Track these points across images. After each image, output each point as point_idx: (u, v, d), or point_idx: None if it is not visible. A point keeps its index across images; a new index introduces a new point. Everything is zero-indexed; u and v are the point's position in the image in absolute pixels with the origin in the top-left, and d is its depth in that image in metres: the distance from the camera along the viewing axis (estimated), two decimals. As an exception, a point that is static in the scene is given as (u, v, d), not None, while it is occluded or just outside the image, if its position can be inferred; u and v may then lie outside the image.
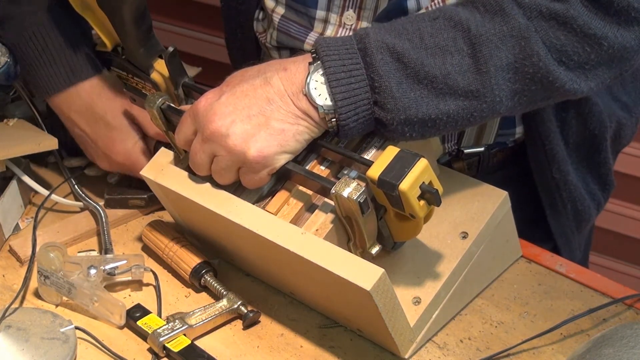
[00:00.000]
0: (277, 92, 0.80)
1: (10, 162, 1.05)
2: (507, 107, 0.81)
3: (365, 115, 0.80)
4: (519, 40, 0.78)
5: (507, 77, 0.79)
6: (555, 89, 0.81)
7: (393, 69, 0.78)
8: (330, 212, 0.83)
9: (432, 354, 0.86)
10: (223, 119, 0.80)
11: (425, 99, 0.78)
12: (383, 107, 0.79)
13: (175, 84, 0.95)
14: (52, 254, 0.91)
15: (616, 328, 0.77)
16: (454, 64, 0.78)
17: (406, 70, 0.78)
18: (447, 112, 0.79)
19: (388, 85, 0.78)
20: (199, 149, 0.83)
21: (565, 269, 0.95)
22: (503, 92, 0.79)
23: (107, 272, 0.92)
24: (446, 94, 0.78)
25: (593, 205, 1.11)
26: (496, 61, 0.78)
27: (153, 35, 0.96)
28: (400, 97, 0.78)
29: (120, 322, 0.89)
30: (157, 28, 0.98)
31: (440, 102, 0.78)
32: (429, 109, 0.78)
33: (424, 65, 0.78)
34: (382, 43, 0.78)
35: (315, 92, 0.79)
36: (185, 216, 0.97)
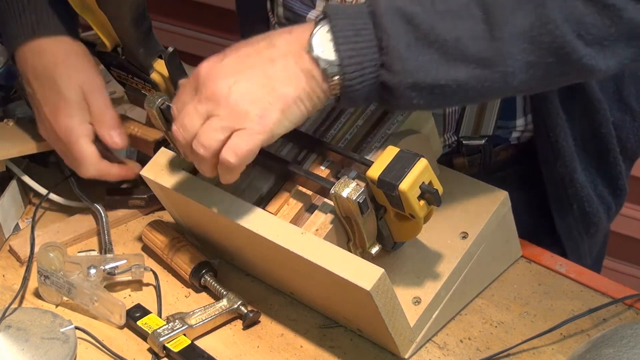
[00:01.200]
0: (280, 53, 0.76)
1: (10, 162, 1.05)
2: (521, 80, 0.76)
3: (371, 78, 0.75)
4: (536, 6, 0.74)
5: (522, 46, 0.74)
6: (572, 63, 0.76)
7: (402, 31, 0.74)
8: (330, 212, 0.83)
9: (432, 354, 0.86)
10: (225, 79, 0.76)
11: (434, 63, 0.74)
12: (390, 69, 0.74)
13: (175, 84, 0.95)
14: (52, 254, 0.91)
15: (616, 328, 0.77)
16: (466, 28, 0.74)
17: (416, 32, 0.74)
18: (456, 79, 0.75)
19: (396, 46, 0.73)
20: (193, 110, 0.77)
21: (565, 269, 0.95)
22: (517, 63, 0.75)
23: (107, 272, 0.92)
24: (457, 59, 0.74)
25: (602, 208, 1.09)
26: (511, 28, 0.74)
27: (153, 35, 0.97)
28: (408, 58, 0.73)
29: (120, 322, 0.89)
30: (157, 28, 0.98)
31: (450, 67, 0.74)
32: (438, 74, 0.74)
33: (434, 28, 0.74)
34: (392, 6, 0.75)
35: (318, 49, 0.75)
36: (185, 216, 0.97)
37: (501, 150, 1.07)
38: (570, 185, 1.04)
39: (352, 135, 0.88)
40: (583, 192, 1.05)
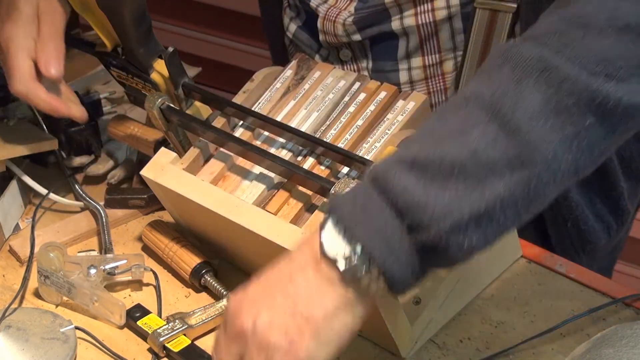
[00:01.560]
0: (298, 266, 0.67)
1: (10, 162, 1.05)
2: (569, 160, 0.63)
3: (406, 249, 0.63)
4: (540, 73, 0.63)
5: (548, 124, 0.62)
6: (614, 112, 0.62)
7: (412, 180, 0.62)
8: (330, 212, 0.83)
9: (432, 354, 0.86)
10: (249, 312, 0.67)
11: (464, 194, 0.62)
12: (420, 227, 0.62)
13: (175, 84, 0.95)
14: (52, 254, 0.91)
15: (616, 328, 0.77)
16: (478, 138, 0.62)
17: (427, 173, 0.62)
18: (497, 196, 0.62)
19: (412, 199, 0.62)
20: (226, 351, 0.69)
21: (565, 269, 0.95)
22: (552, 145, 0.62)
23: (107, 272, 0.92)
24: (486, 176, 0.62)
25: (600, 227, 1.05)
26: (524, 111, 0.62)
27: (153, 35, 0.97)
28: (432, 204, 0.62)
29: (120, 321, 0.89)
30: (157, 28, 0.98)
31: (483, 188, 0.62)
32: (473, 202, 0.62)
33: (444, 156, 0.62)
34: (390, 163, 0.65)
35: (330, 249, 0.64)
36: (185, 216, 0.97)
37: None
38: (564, 203, 1.02)
39: (352, 135, 0.88)
40: (578, 211, 1.02)
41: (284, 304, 0.66)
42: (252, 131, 0.91)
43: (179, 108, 0.95)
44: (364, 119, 0.88)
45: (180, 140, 0.94)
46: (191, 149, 0.92)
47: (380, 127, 0.87)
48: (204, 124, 0.91)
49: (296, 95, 0.93)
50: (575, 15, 0.63)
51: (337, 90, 0.92)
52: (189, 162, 0.91)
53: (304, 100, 0.92)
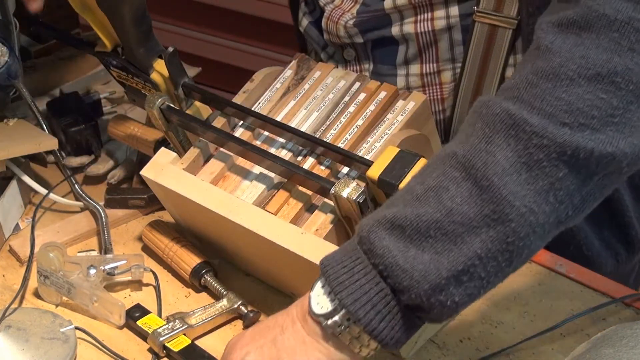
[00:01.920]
0: (291, 319, 0.70)
1: (10, 162, 1.05)
2: (547, 213, 0.63)
3: (391, 310, 0.65)
4: (507, 131, 0.63)
5: (521, 179, 0.62)
6: (588, 164, 0.62)
7: (392, 241, 0.64)
8: (330, 212, 0.83)
9: (432, 354, 0.86)
10: (239, 352, 0.72)
11: (442, 253, 0.63)
12: (401, 289, 0.64)
13: (175, 84, 0.95)
14: (51, 254, 0.91)
15: (616, 328, 0.77)
16: (452, 196, 0.63)
17: (405, 233, 0.64)
18: (474, 253, 0.63)
19: (392, 262, 0.63)
20: None
21: (565, 269, 0.95)
22: (527, 199, 0.62)
23: (107, 272, 0.92)
24: (462, 233, 0.63)
25: (607, 254, 1.03)
26: (495, 168, 0.62)
27: (153, 35, 0.97)
28: (410, 265, 0.63)
29: (119, 322, 0.89)
30: (157, 28, 0.98)
31: (461, 246, 0.63)
32: (450, 261, 0.63)
33: (420, 216, 0.63)
34: (373, 222, 0.66)
35: (316, 306, 0.67)
36: (185, 216, 0.97)
37: None
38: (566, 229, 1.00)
39: (352, 135, 0.88)
40: (580, 235, 1.00)
41: (270, 353, 0.69)
42: (252, 131, 0.91)
43: (179, 108, 0.95)
44: (364, 119, 0.88)
45: (180, 140, 0.94)
46: (191, 149, 0.92)
47: (380, 127, 0.87)
48: (204, 124, 0.91)
49: (296, 95, 0.93)
50: (545, 67, 0.63)
51: (337, 90, 0.92)
52: (189, 162, 0.91)
53: (304, 100, 0.92)
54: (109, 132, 1.08)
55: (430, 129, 0.91)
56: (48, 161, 1.13)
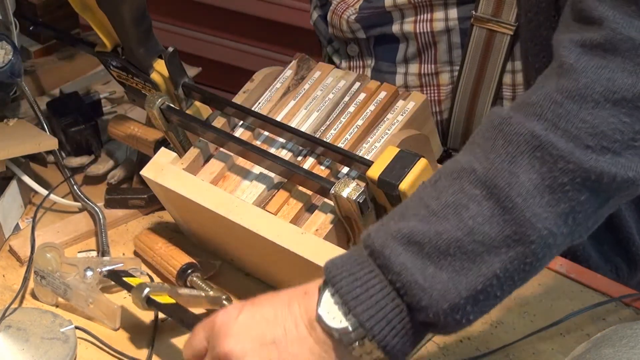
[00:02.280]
0: (294, 321, 0.67)
1: (10, 162, 1.05)
2: (564, 234, 0.63)
3: (405, 326, 0.64)
4: (532, 152, 0.62)
5: (543, 201, 0.62)
6: (608, 188, 0.63)
7: (409, 258, 0.63)
8: (330, 212, 0.83)
9: (432, 354, 0.86)
10: (235, 343, 0.67)
11: (461, 271, 0.62)
12: (418, 308, 0.63)
13: (175, 84, 0.95)
14: (49, 255, 0.91)
15: (616, 328, 0.77)
16: (473, 215, 0.63)
17: (423, 250, 0.63)
18: (493, 273, 0.62)
19: (411, 280, 0.62)
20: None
21: (565, 269, 0.95)
22: (547, 222, 0.62)
23: (104, 275, 0.92)
24: (482, 253, 0.62)
25: (606, 267, 1.02)
26: (519, 189, 0.62)
27: (153, 35, 0.97)
28: (430, 286, 0.62)
29: (115, 324, 0.89)
30: (157, 28, 0.98)
31: (480, 266, 0.62)
32: (469, 281, 0.62)
33: (440, 234, 0.63)
34: (386, 235, 0.64)
35: (327, 317, 0.65)
36: (185, 216, 0.97)
37: None
38: None
39: (352, 135, 0.88)
40: (577, 247, 0.99)
41: (271, 351, 0.67)
42: (252, 131, 0.91)
43: (179, 108, 0.95)
44: (364, 119, 0.88)
45: (180, 140, 0.94)
46: (191, 149, 0.92)
47: (380, 127, 0.88)
48: (204, 124, 0.91)
49: (296, 95, 0.93)
50: (570, 87, 0.63)
51: (337, 90, 0.92)
52: (189, 162, 0.91)
53: (304, 100, 0.92)
54: (109, 132, 1.08)
55: (430, 128, 0.91)
56: (48, 161, 1.13)
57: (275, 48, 2.21)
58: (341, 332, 0.64)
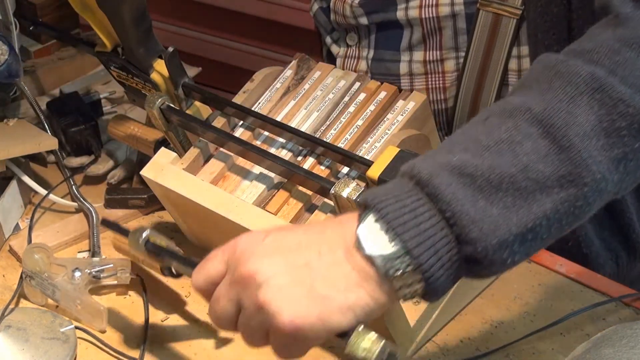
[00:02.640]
0: (329, 246, 0.63)
1: (10, 162, 1.05)
2: (614, 182, 0.63)
3: (451, 258, 0.61)
4: (592, 94, 0.62)
5: (599, 144, 0.62)
6: None
7: (460, 189, 0.60)
8: (330, 212, 0.83)
9: (432, 354, 0.86)
10: (261, 262, 0.63)
11: (512, 208, 0.61)
12: (467, 240, 0.60)
13: (175, 84, 0.95)
14: (37, 256, 0.90)
15: (616, 328, 0.77)
16: (528, 152, 0.61)
17: (475, 183, 0.61)
18: (544, 213, 0.61)
19: (462, 210, 0.60)
20: (224, 293, 0.65)
21: (565, 269, 0.95)
22: (602, 165, 0.61)
23: (93, 275, 0.92)
24: (535, 191, 0.61)
25: (607, 255, 1.02)
26: (577, 129, 0.61)
27: (153, 35, 0.97)
28: (481, 219, 0.60)
29: (102, 326, 0.89)
30: (157, 28, 0.98)
31: (531, 204, 0.61)
32: (521, 218, 0.61)
33: (494, 167, 0.61)
34: (434, 166, 0.62)
35: (369, 244, 0.61)
36: (185, 216, 0.97)
37: None
38: None
39: (352, 135, 0.88)
40: (580, 232, 0.99)
41: (303, 274, 0.62)
42: (252, 131, 0.91)
43: (179, 108, 0.95)
44: (364, 119, 0.88)
45: (180, 140, 0.94)
46: (191, 149, 0.92)
47: (380, 127, 0.88)
48: (204, 124, 0.91)
49: (296, 95, 0.93)
50: (628, 35, 0.63)
51: (337, 90, 0.92)
52: (189, 162, 0.91)
53: (304, 100, 0.92)
54: (109, 132, 1.08)
55: (430, 128, 0.91)
56: (48, 161, 1.13)
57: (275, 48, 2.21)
58: (385, 259, 0.60)
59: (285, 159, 0.86)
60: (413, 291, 0.62)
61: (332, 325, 0.62)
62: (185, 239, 1.01)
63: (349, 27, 1.06)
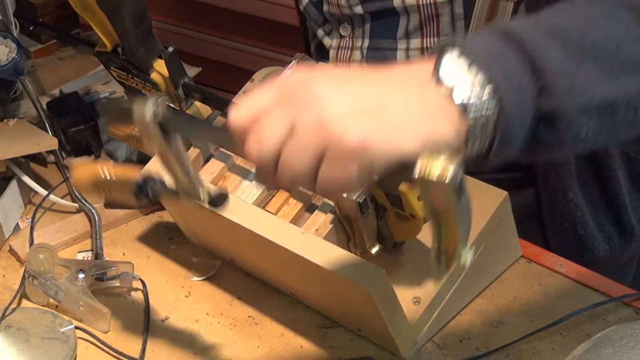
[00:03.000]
0: (402, 81, 0.60)
1: (10, 162, 1.05)
2: None
3: (530, 106, 0.59)
4: None
5: None
6: None
7: (550, 44, 0.59)
8: (330, 212, 0.83)
9: (432, 354, 0.86)
10: (323, 84, 0.58)
11: (597, 77, 0.60)
12: (554, 91, 0.59)
13: (175, 84, 0.95)
14: (41, 255, 0.90)
15: (616, 328, 0.77)
16: (622, 32, 0.61)
17: (566, 43, 0.60)
18: (627, 92, 0.61)
19: (552, 63, 0.59)
20: (275, 110, 0.58)
21: (565, 269, 0.95)
22: None
23: (96, 278, 0.92)
24: (624, 69, 0.61)
25: (600, 237, 1.04)
26: None
27: (153, 35, 0.97)
28: (570, 76, 0.59)
29: (105, 328, 0.89)
30: (157, 28, 0.98)
31: (616, 79, 0.61)
32: (606, 88, 0.60)
33: (587, 32, 0.60)
34: (524, 24, 0.61)
35: (451, 77, 0.58)
36: (185, 216, 0.97)
37: None
38: (563, 201, 1.01)
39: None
40: (576, 213, 1.01)
41: (371, 99, 0.57)
42: (252, 131, 0.91)
43: (179, 108, 0.95)
44: (364, 119, 0.88)
45: (180, 140, 0.94)
46: (191, 148, 0.92)
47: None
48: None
49: (296, 95, 0.93)
50: None
51: (337, 90, 0.91)
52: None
53: (304, 100, 0.92)
54: (109, 132, 1.08)
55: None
56: (48, 161, 1.13)
57: (275, 48, 2.21)
58: (465, 89, 0.58)
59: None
60: (485, 125, 0.59)
61: (402, 149, 0.57)
62: (185, 239, 1.01)
63: (342, 18, 1.05)
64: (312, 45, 1.15)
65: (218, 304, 0.93)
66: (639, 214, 1.06)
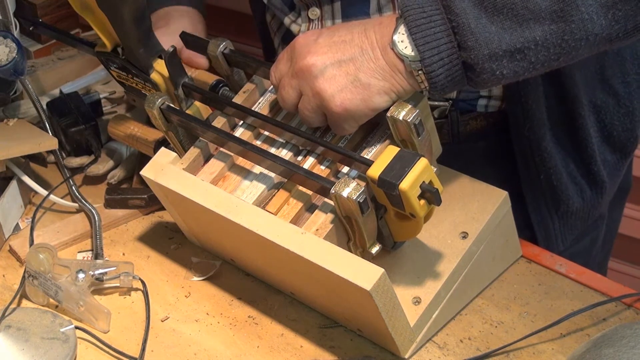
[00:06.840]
0: (370, 44, 0.80)
1: (10, 162, 1.05)
2: (602, 26, 0.76)
3: (452, 61, 0.77)
4: None
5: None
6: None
7: (469, 6, 0.76)
8: (330, 212, 0.83)
9: (432, 354, 0.86)
10: (315, 58, 0.80)
11: (507, 29, 0.76)
12: (465, 47, 0.76)
13: (175, 84, 0.95)
14: (41, 255, 0.91)
15: (616, 328, 0.77)
16: None
17: (483, 3, 0.76)
18: (533, 39, 0.76)
19: (465, 22, 0.76)
20: (288, 82, 0.83)
21: (565, 269, 0.95)
22: (591, 8, 0.75)
23: (96, 278, 0.92)
24: (529, 19, 0.75)
25: (573, 189, 1.08)
26: None
27: (153, 35, 0.97)
28: (479, 31, 0.75)
29: (105, 328, 0.89)
30: (157, 28, 0.98)
31: (524, 29, 0.76)
32: (512, 38, 0.76)
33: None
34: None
35: (401, 45, 0.78)
36: (185, 216, 0.97)
37: (470, 119, 1.05)
38: (537, 152, 1.03)
39: (352, 135, 0.88)
40: (550, 163, 1.04)
41: (349, 68, 0.80)
42: (252, 131, 0.91)
43: (179, 108, 0.95)
44: (364, 119, 0.88)
45: (180, 141, 0.94)
46: (191, 149, 0.92)
47: (380, 126, 0.87)
48: (204, 124, 0.91)
49: (296, 95, 0.93)
50: None
51: (337, 90, 0.92)
52: (189, 162, 0.91)
53: (304, 100, 0.92)
54: (109, 132, 1.08)
55: (430, 127, 0.91)
56: (48, 161, 1.13)
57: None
58: (411, 58, 0.77)
59: (285, 159, 0.86)
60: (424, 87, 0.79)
61: (373, 105, 0.80)
62: (185, 239, 1.01)
63: (309, 2, 1.04)
64: (277, 37, 1.15)
65: (218, 304, 0.93)
66: (607, 167, 1.10)
